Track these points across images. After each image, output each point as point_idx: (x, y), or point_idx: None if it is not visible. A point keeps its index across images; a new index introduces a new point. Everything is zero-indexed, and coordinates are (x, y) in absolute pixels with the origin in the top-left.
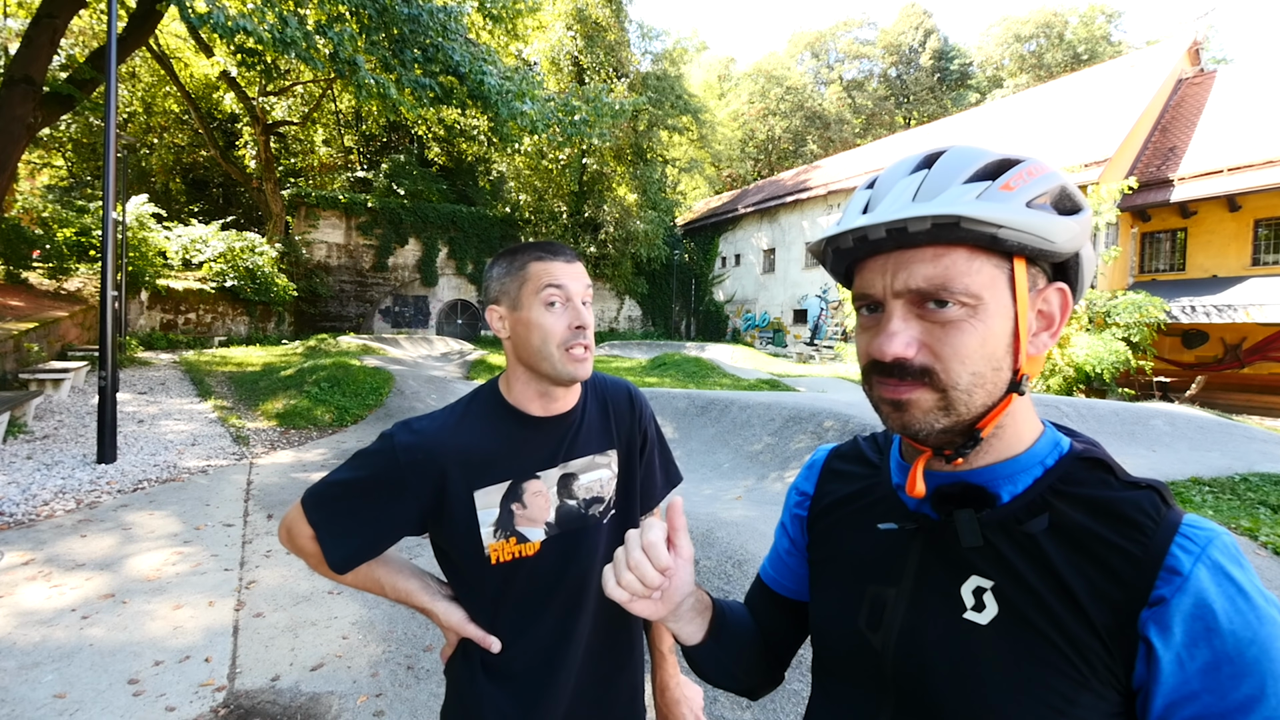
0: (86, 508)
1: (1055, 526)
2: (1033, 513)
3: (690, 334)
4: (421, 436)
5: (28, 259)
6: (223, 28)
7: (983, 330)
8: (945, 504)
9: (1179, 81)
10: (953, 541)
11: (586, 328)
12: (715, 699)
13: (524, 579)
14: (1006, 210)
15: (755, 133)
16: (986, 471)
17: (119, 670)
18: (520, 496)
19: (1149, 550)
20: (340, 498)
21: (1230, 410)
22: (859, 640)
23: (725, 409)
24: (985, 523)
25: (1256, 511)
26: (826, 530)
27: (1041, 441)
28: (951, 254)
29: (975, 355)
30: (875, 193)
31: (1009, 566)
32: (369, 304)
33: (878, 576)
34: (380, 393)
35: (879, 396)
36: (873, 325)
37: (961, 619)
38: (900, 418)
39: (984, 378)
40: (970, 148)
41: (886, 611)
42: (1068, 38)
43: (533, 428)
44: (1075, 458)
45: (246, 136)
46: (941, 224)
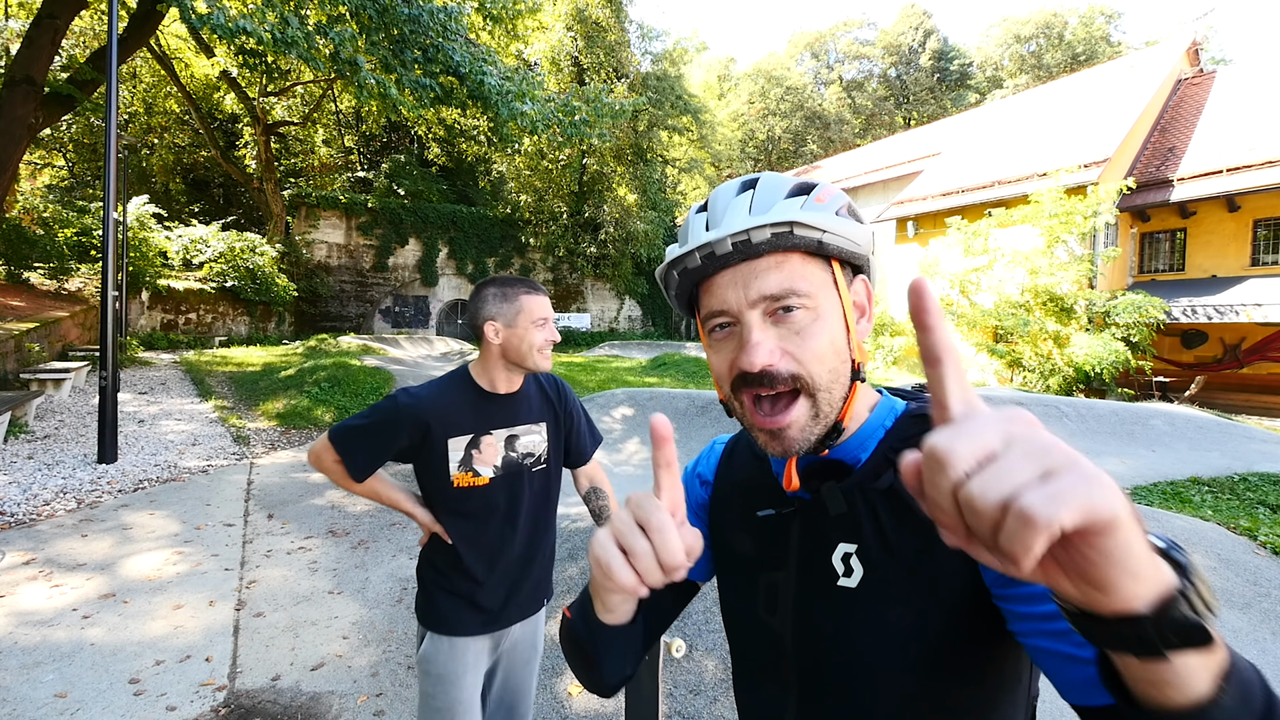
0: (87, 508)
1: (893, 488)
2: (879, 472)
3: (690, 334)
4: (415, 399)
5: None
6: (223, 28)
7: (827, 328)
8: (812, 481)
9: (1178, 82)
10: (822, 515)
11: (552, 343)
12: (715, 699)
13: (476, 501)
14: (824, 217)
15: (755, 133)
16: (842, 447)
17: (120, 670)
18: (478, 445)
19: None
20: (357, 432)
21: (1229, 410)
22: (760, 625)
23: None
24: (846, 490)
25: (1255, 511)
26: (723, 522)
27: (878, 409)
28: (790, 260)
29: (827, 352)
30: (711, 213)
31: (869, 527)
32: (369, 304)
33: (768, 563)
34: (380, 393)
35: (754, 425)
36: (727, 339)
37: (836, 587)
38: (779, 445)
39: (837, 371)
40: (777, 174)
41: (779, 595)
42: (1067, 38)
43: (491, 400)
44: (908, 415)
45: (247, 137)
46: (779, 231)
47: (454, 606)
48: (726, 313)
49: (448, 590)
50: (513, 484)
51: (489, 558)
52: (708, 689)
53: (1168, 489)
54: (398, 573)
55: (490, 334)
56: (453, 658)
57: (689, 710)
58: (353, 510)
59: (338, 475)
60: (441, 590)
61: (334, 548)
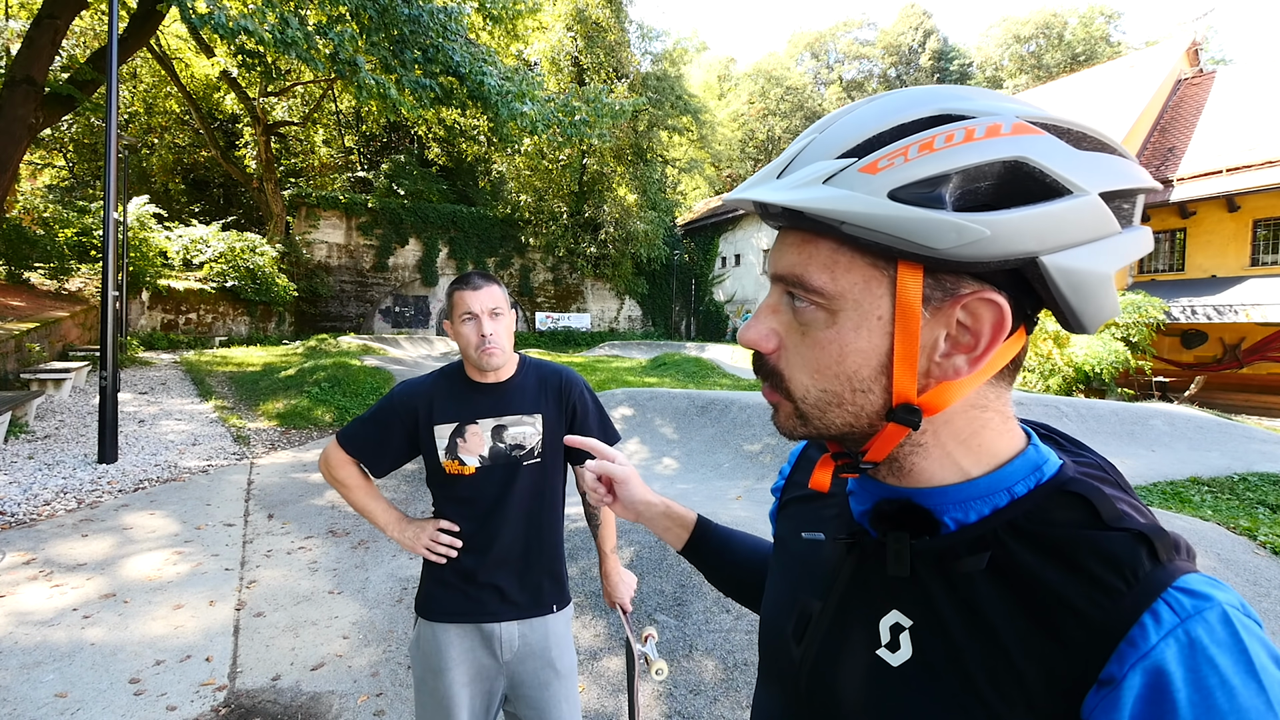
0: (87, 508)
1: (998, 569)
2: (977, 549)
3: (690, 334)
4: (406, 388)
5: (29, 259)
6: (224, 29)
7: (837, 341)
8: (882, 523)
9: (1178, 82)
10: (881, 566)
11: (488, 335)
12: (715, 699)
13: (464, 489)
14: (851, 201)
15: (755, 133)
16: (937, 493)
17: (120, 670)
18: (463, 434)
19: (1112, 615)
20: (362, 423)
21: (1229, 410)
22: (785, 649)
23: (725, 409)
24: (918, 553)
25: (1255, 511)
26: (784, 522)
27: (1016, 464)
28: (816, 244)
29: (826, 369)
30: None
31: (934, 609)
32: (369, 304)
33: (808, 586)
34: (380, 393)
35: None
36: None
37: (874, 655)
38: (775, 420)
39: (839, 397)
40: (904, 98)
41: (810, 627)
42: (1067, 38)
43: (476, 390)
44: (1056, 489)
45: (247, 137)
46: (791, 210)
47: (440, 593)
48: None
49: (437, 578)
50: (502, 476)
51: (477, 548)
52: (708, 689)
53: (1168, 489)
54: (398, 573)
55: (449, 333)
56: (437, 645)
57: (689, 710)
58: (352, 510)
59: (351, 475)
60: (431, 577)
61: (334, 548)
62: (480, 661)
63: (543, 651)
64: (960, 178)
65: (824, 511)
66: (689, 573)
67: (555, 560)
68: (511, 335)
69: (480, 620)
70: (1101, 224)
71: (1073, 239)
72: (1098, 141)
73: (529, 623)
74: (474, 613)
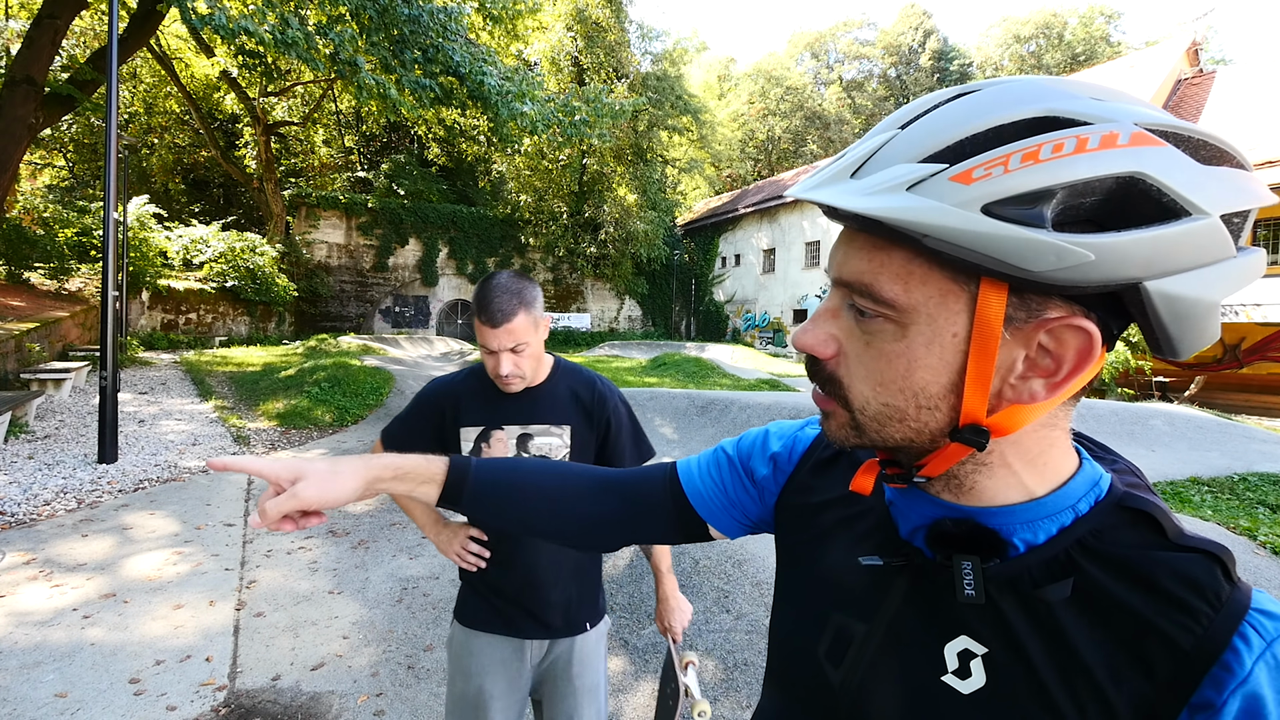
0: (87, 507)
1: (1079, 595)
2: (1053, 574)
3: (690, 334)
4: (436, 386)
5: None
6: (224, 29)
7: (906, 355)
8: (944, 545)
9: (1178, 82)
10: (945, 590)
11: (504, 376)
12: (715, 700)
13: None
14: (939, 214)
15: (755, 133)
16: (1002, 512)
17: (120, 670)
18: (488, 439)
19: (1202, 641)
20: (399, 420)
21: (1229, 410)
22: (816, 670)
23: (725, 409)
24: (990, 577)
25: (1255, 511)
26: (798, 527)
27: (1077, 480)
28: (890, 252)
29: (891, 383)
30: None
31: (1011, 636)
32: (369, 304)
33: (846, 605)
34: (380, 393)
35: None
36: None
37: (939, 681)
38: (826, 426)
39: (901, 412)
40: (1005, 93)
41: (851, 649)
42: (1067, 39)
43: (505, 395)
44: (1117, 505)
45: (247, 137)
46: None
47: (473, 599)
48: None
49: (470, 583)
50: None
51: (503, 562)
52: (708, 689)
53: (1168, 489)
54: (398, 573)
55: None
56: (468, 650)
57: (689, 710)
58: (353, 510)
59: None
60: (466, 581)
61: (334, 548)
62: (510, 668)
63: (565, 668)
64: (1066, 193)
65: (856, 525)
66: (688, 572)
67: (586, 579)
68: (538, 354)
69: (513, 635)
70: (1219, 248)
71: (1185, 264)
72: (1220, 151)
73: (558, 641)
74: (504, 626)
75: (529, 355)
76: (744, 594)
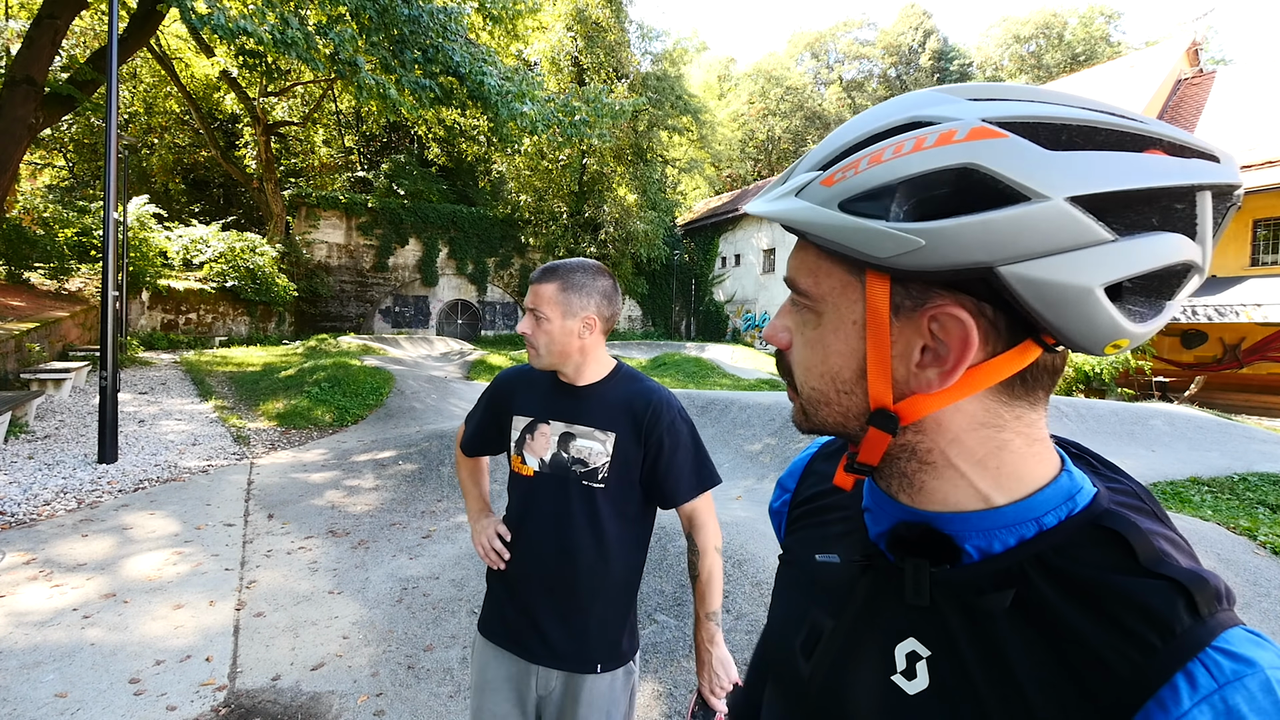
0: (87, 508)
1: (1022, 607)
2: (1000, 585)
3: (690, 334)
4: (506, 373)
5: (29, 259)
6: (224, 29)
7: (821, 342)
8: (899, 547)
9: (1178, 82)
10: (899, 592)
11: (524, 332)
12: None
13: (521, 490)
14: (809, 213)
15: (755, 133)
16: (959, 519)
17: (120, 670)
18: (533, 431)
19: (1141, 672)
20: (476, 403)
21: (1229, 410)
22: (791, 661)
23: (725, 409)
24: (938, 582)
25: (1255, 511)
26: (796, 533)
27: (1047, 493)
28: (805, 251)
29: (814, 368)
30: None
31: (952, 642)
32: (369, 304)
33: (821, 601)
34: (380, 393)
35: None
36: None
37: (889, 680)
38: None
39: (826, 396)
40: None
41: (820, 644)
42: (1067, 39)
43: (559, 389)
44: (1089, 522)
45: (247, 137)
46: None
47: (488, 606)
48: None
49: (490, 588)
50: (556, 489)
51: (520, 563)
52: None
53: (1168, 489)
54: (398, 573)
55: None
56: (480, 660)
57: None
58: (353, 510)
59: (459, 453)
60: (488, 585)
61: (334, 548)
62: (518, 689)
63: (571, 707)
64: (906, 188)
65: (834, 529)
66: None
67: (610, 611)
68: (566, 341)
69: (516, 653)
70: (1074, 231)
71: (1037, 248)
72: (1087, 131)
73: (568, 676)
74: (511, 641)
75: (545, 331)
76: (744, 594)
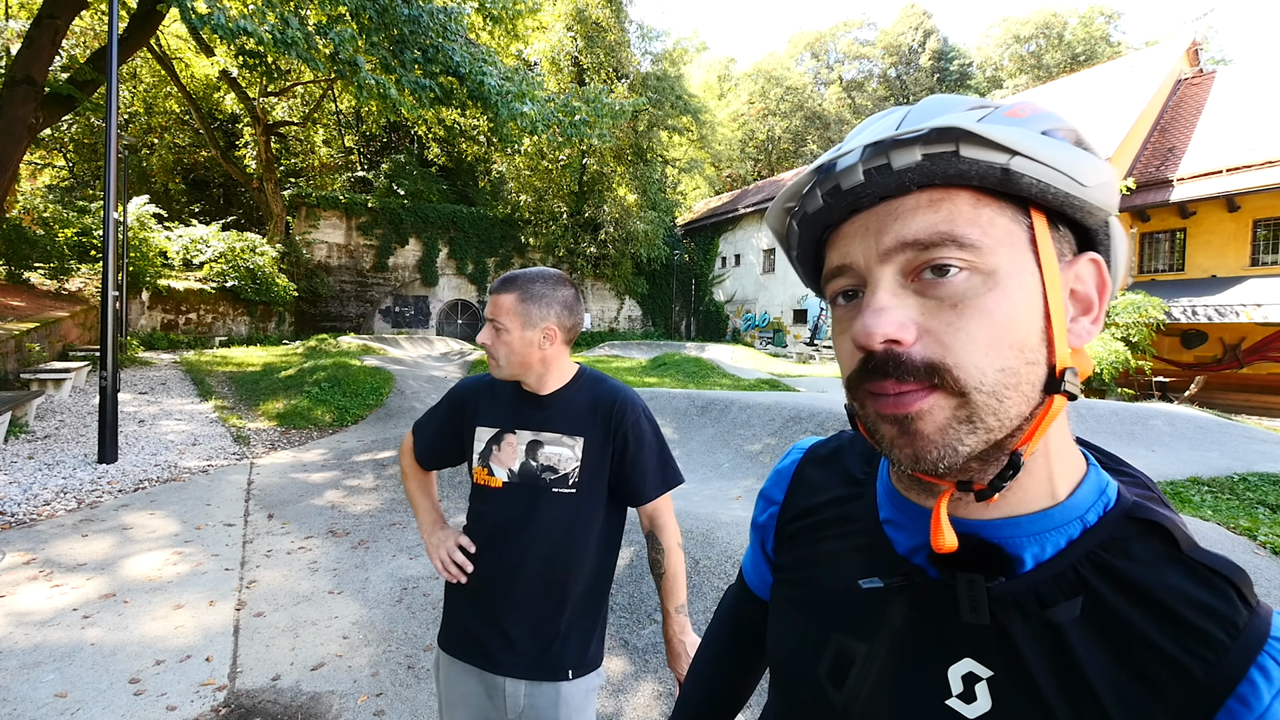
0: (87, 507)
1: (1089, 615)
2: (1061, 592)
3: (690, 334)
4: (465, 382)
5: (29, 259)
6: (224, 29)
7: (1006, 305)
8: (948, 563)
9: (1178, 82)
10: (948, 610)
11: (484, 343)
12: None
13: (487, 503)
14: (1019, 134)
15: (755, 133)
16: (1008, 524)
17: (120, 670)
18: (499, 442)
19: (1216, 672)
20: (430, 411)
21: (1229, 410)
22: (818, 691)
23: (725, 409)
24: (995, 596)
25: (1255, 511)
26: (795, 550)
27: (1085, 488)
28: (954, 199)
29: (1000, 341)
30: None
31: (1018, 658)
32: (369, 304)
33: (846, 625)
34: (380, 393)
35: (875, 414)
36: (849, 314)
37: (944, 705)
38: (910, 445)
39: (1016, 374)
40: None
41: (853, 671)
42: (1067, 38)
43: (523, 398)
44: (1126, 515)
45: (247, 137)
46: (935, 153)
47: (449, 621)
48: (851, 269)
49: (451, 604)
50: (526, 498)
51: (487, 576)
52: None
53: (1168, 489)
54: (398, 573)
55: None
56: (446, 677)
57: None
58: (353, 510)
59: (409, 464)
60: (447, 601)
61: (334, 548)
62: (482, 708)
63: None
64: (1064, 132)
65: (846, 543)
66: (688, 573)
67: (582, 616)
68: (526, 352)
69: (482, 666)
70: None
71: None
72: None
73: (538, 685)
74: (475, 654)
75: (504, 342)
76: None
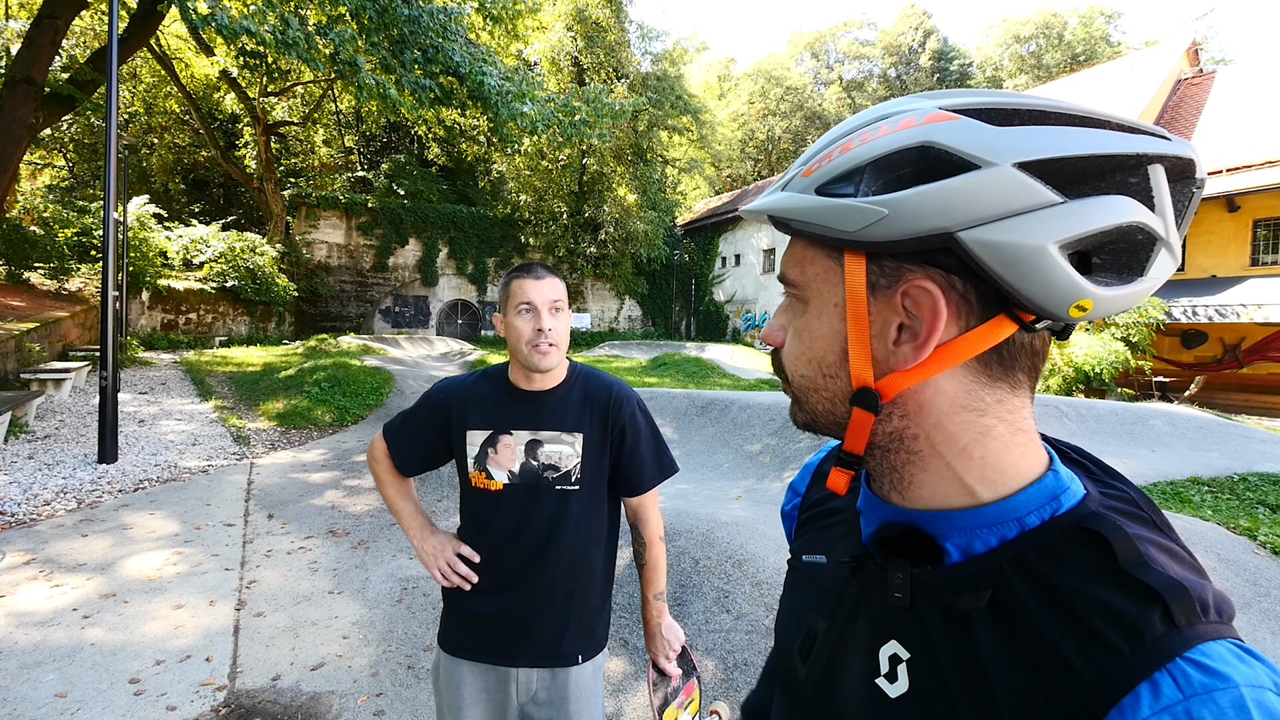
0: (87, 508)
1: (998, 609)
2: (981, 585)
3: (690, 334)
4: (446, 385)
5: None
6: (225, 29)
7: (810, 328)
8: (884, 548)
9: (1178, 82)
10: (883, 593)
11: (545, 330)
12: (714, 699)
13: (487, 506)
14: (791, 200)
15: (755, 133)
16: (941, 517)
17: (120, 670)
18: (495, 444)
19: (1107, 678)
20: (403, 419)
21: (1229, 410)
22: (790, 664)
23: (725, 409)
24: (919, 583)
25: (1255, 511)
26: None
27: (1030, 492)
28: (793, 244)
29: (802, 354)
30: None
31: (930, 643)
32: (369, 304)
33: (816, 604)
34: (380, 393)
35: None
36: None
37: (873, 684)
38: (790, 411)
39: (814, 382)
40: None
41: (815, 647)
42: (1067, 38)
43: (517, 397)
44: (1074, 524)
45: (247, 137)
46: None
47: (457, 625)
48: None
49: (455, 608)
50: (530, 497)
51: (496, 577)
52: (708, 689)
53: (1168, 489)
54: (398, 573)
55: (500, 328)
56: (450, 679)
57: None
58: (353, 510)
59: (385, 470)
60: (449, 606)
61: (334, 548)
62: (495, 700)
63: (561, 704)
64: (873, 168)
65: (834, 531)
66: (688, 573)
67: (589, 604)
68: (568, 338)
69: (497, 661)
70: (1023, 195)
71: (990, 212)
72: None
73: (551, 671)
74: (490, 652)
75: (564, 325)
76: (744, 594)
